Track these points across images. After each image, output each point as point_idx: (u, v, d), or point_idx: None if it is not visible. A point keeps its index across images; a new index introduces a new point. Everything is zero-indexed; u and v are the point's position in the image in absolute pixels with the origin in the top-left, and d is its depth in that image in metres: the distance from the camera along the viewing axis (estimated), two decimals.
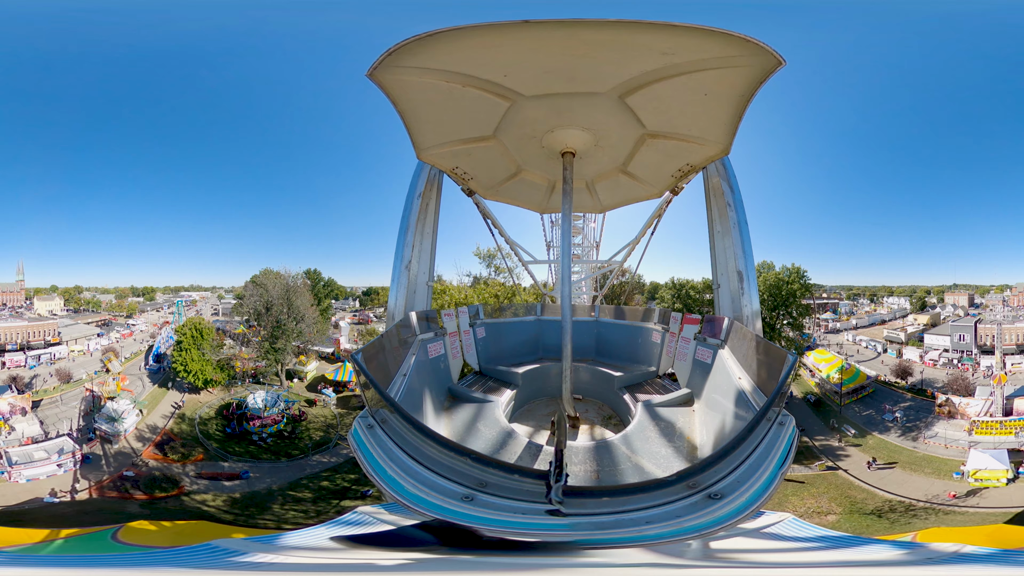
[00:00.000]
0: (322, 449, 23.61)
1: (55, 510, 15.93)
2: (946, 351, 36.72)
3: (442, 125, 4.44)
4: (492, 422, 4.41)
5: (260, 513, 16.95)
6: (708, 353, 4.88)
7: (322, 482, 20.00)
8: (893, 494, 18.63)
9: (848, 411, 28.14)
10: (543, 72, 3.61)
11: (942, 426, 24.54)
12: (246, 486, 19.54)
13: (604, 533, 2.45)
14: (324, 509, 17.34)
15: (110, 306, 43.27)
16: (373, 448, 2.87)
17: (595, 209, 7.18)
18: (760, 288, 29.64)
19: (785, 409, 3.15)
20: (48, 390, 28.65)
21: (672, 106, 3.91)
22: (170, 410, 26.98)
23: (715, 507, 2.41)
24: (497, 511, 2.48)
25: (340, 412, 27.77)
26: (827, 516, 17.13)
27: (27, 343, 34.53)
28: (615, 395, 5.48)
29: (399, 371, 4.29)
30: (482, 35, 3.25)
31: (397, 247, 5.83)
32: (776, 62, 3.18)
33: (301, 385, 31.07)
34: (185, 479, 19.63)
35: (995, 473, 18.87)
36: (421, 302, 5.92)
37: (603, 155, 4.93)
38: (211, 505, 17.42)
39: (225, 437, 24.09)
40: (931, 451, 22.85)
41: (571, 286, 5.95)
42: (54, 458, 19.57)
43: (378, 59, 3.39)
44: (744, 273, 5.15)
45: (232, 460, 21.87)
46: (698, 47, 3.21)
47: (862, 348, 41.59)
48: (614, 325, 7.27)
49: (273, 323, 28.23)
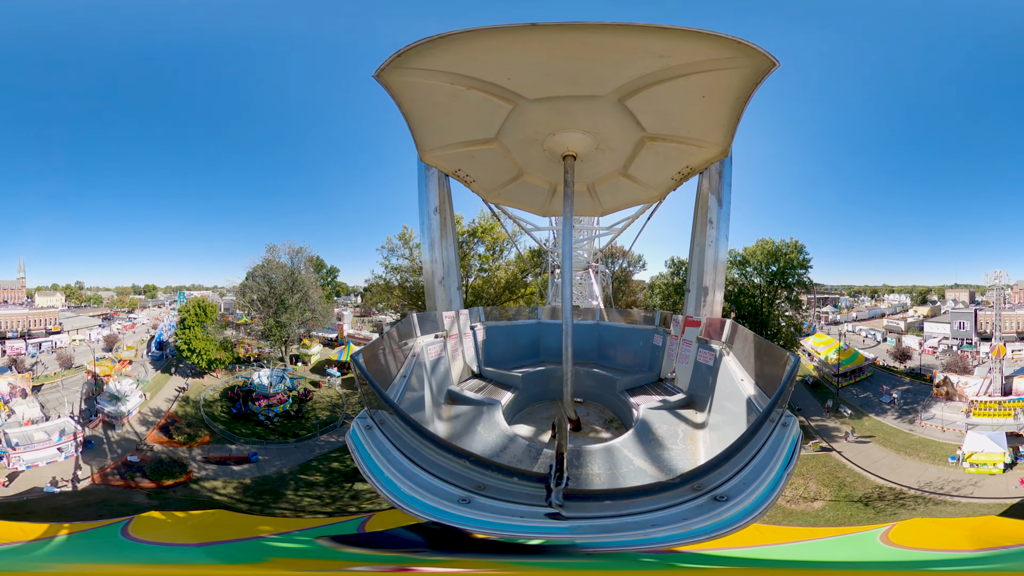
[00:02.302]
0: (329, 428, 23.18)
1: (56, 501, 15.27)
2: (945, 339, 36.26)
3: (446, 127, 4.48)
4: (492, 425, 4.37)
5: (275, 501, 16.31)
6: (709, 355, 4.85)
7: (332, 463, 19.46)
8: (884, 479, 18.14)
9: (845, 393, 27.87)
10: (545, 75, 3.65)
11: (940, 408, 23.92)
12: (255, 470, 18.90)
13: (607, 536, 2.41)
14: (338, 494, 16.81)
15: (111, 302, 43.07)
16: (371, 449, 2.84)
17: (596, 212, 7.22)
18: (759, 256, 29.07)
19: (788, 411, 3.11)
20: (49, 375, 28.31)
21: (671, 108, 3.95)
22: (174, 394, 26.55)
23: (722, 509, 2.37)
24: (495, 514, 2.44)
25: (346, 392, 27.56)
26: (814, 502, 16.69)
27: (28, 331, 34.18)
28: (616, 398, 5.44)
29: (399, 373, 4.26)
30: (488, 38, 3.29)
31: (426, 266, 5.87)
32: (769, 63, 3.22)
33: (305, 369, 30.94)
34: (192, 464, 18.96)
35: (991, 457, 18.12)
36: (458, 305, 6.01)
37: (604, 158, 4.96)
38: (222, 493, 16.76)
39: (231, 418, 23.52)
40: (928, 434, 22.02)
41: (572, 288, 5.94)
42: (55, 439, 18.89)
43: (386, 60, 3.43)
44: (710, 288, 5.31)
45: (239, 442, 21.31)
46: (692, 50, 3.25)
47: (862, 338, 41.31)
48: (615, 328, 7.24)
49: (277, 300, 28.07)
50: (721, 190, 5.45)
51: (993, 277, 29.13)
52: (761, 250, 29.39)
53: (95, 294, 43.10)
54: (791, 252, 29.58)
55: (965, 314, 37.09)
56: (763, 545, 3.90)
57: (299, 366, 30.45)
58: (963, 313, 37.53)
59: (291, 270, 29.10)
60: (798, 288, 29.78)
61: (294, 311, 28.46)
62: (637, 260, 36.70)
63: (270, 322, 28.11)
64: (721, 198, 5.41)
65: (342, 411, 25.09)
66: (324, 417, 24.55)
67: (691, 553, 2.67)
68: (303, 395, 25.62)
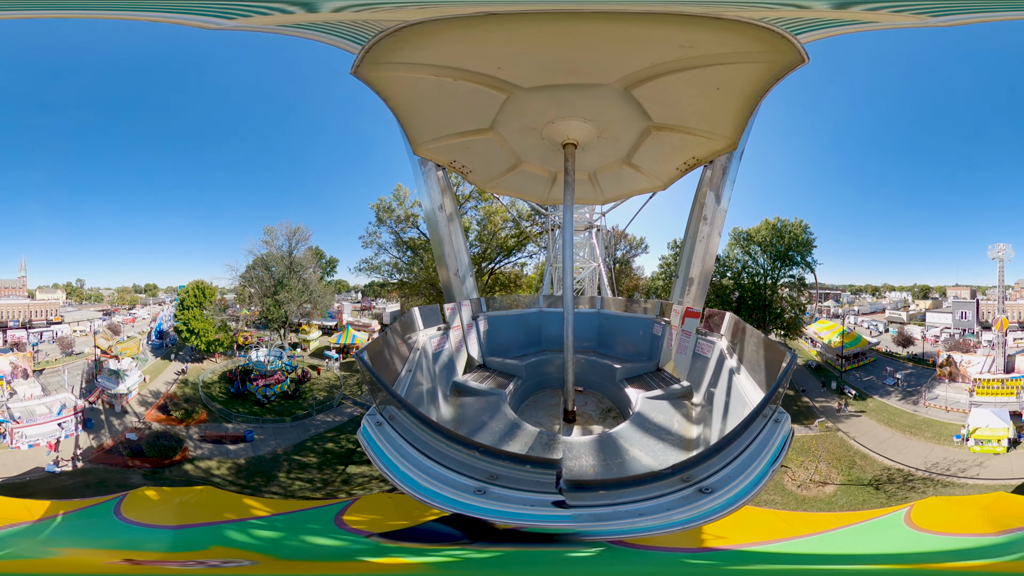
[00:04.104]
0: (326, 408, 23.84)
1: (57, 482, 15.93)
2: (947, 328, 36.51)
3: (437, 119, 4.33)
4: (498, 415, 4.52)
5: (266, 484, 16.98)
6: (708, 347, 4.93)
7: (327, 444, 19.99)
8: (891, 460, 18.67)
9: (848, 377, 28.38)
10: (541, 64, 3.47)
11: (943, 388, 24.24)
12: (250, 449, 19.40)
13: (602, 525, 2.57)
14: (330, 477, 17.31)
15: (112, 299, 43.64)
16: (383, 445, 2.98)
17: (597, 200, 7.08)
18: (764, 232, 28.93)
19: (784, 405, 3.21)
20: (50, 361, 29.21)
21: (681, 99, 3.77)
22: (173, 378, 27.47)
23: (704, 501, 2.50)
24: (508, 503, 2.57)
25: (344, 375, 28.39)
26: (825, 487, 17.25)
27: (29, 321, 34.93)
28: (616, 387, 5.58)
29: (404, 367, 4.38)
30: (462, 28, 3.07)
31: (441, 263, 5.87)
32: (799, 59, 3.03)
33: (304, 355, 31.74)
34: (189, 442, 19.59)
35: (995, 432, 18.68)
36: (472, 291, 6.07)
37: (606, 146, 4.81)
38: (216, 474, 17.46)
39: (229, 397, 24.17)
40: (932, 415, 22.47)
41: (572, 278, 5.96)
42: (55, 412, 19.54)
43: (358, 56, 3.27)
44: (695, 279, 5.36)
45: (236, 420, 21.95)
46: (721, 41, 3.05)
47: (865, 329, 41.66)
48: (616, 317, 7.31)
49: (275, 282, 28.50)
50: (722, 187, 5.32)
51: (997, 251, 28.52)
52: (766, 227, 28.88)
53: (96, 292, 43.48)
54: (796, 229, 29.01)
55: (967, 304, 36.92)
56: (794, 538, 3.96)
57: (298, 351, 31.11)
58: (965, 303, 37.34)
59: (288, 251, 29.16)
60: (802, 260, 29.40)
61: (292, 290, 28.75)
62: (639, 243, 36.09)
63: (268, 302, 28.56)
64: (720, 195, 5.30)
65: (339, 391, 25.68)
66: (321, 398, 24.90)
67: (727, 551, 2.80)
68: (302, 376, 26.14)
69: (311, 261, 30.26)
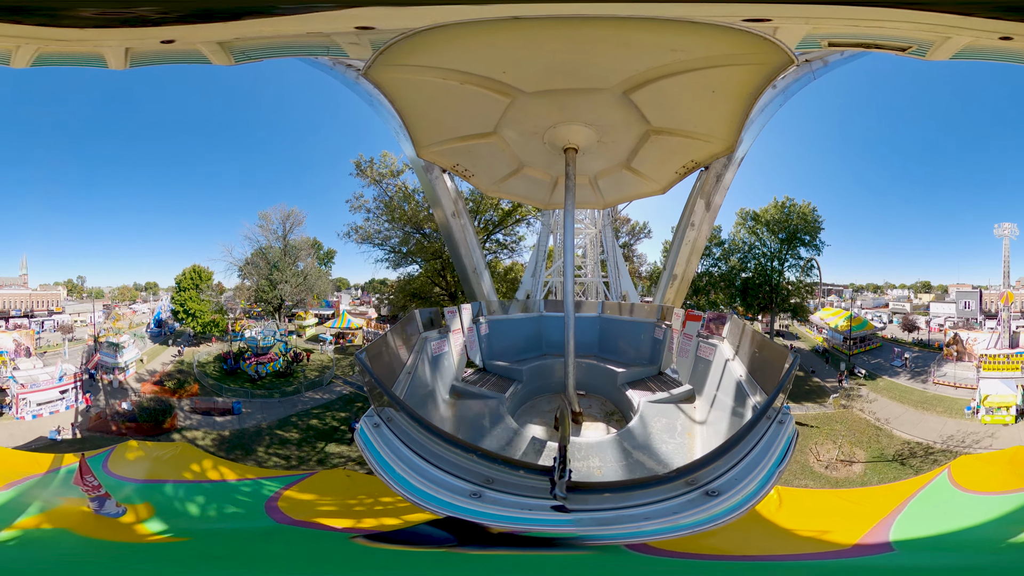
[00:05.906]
0: (316, 386, 23.97)
1: (59, 449, 16.49)
2: (950, 318, 36.69)
3: (442, 122, 4.39)
4: (496, 418, 4.48)
5: (244, 456, 17.20)
6: (710, 350, 4.91)
7: (311, 420, 20.16)
8: (909, 435, 18.90)
9: (856, 360, 28.44)
10: (543, 69, 3.54)
11: (951, 367, 24.33)
12: (237, 423, 19.66)
13: (606, 529, 2.52)
14: (307, 455, 17.41)
15: (113, 296, 43.80)
16: (380, 447, 2.94)
17: (598, 204, 7.13)
18: (772, 213, 28.42)
19: (788, 402, 3.18)
20: (52, 346, 29.48)
21: (678, 102, 3.84)
22: (169, 359, 27.78)
23: (711, 504, 2.46)
24: (505, 507, 2.53)
25: (337, 357, 28.22)
26: (853, 466, 16.89)
27: (31, 311, 35.09)
28: (618, 391, 5.54)
29: (403, 369, 4.35)
30: (474, 33, 3.16)
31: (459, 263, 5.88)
32: (787, 60, 3.11)
33: (300, 340, 31.93)
34: (179, 413, 20.01)
35: (1004, 399, 19.18)
36: (490, 289, 6.05)
37: (606, 151, 4.87)
38: (199, 445, 17.73)
39: (223, 374, 24.53)
40: (941, 391, 22.74)
41: (573, 281, 5.96)
42: (56, 376, 20.06)
43: (371, 58, 3.34)
44: (679, 276, 5.40)
45: (226, 395, 22.30)
46: (709, 44, 3.13)
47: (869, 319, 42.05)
48: (617, 321, 7.29)
49: (270, 266, 28.60)
50: (714, 193, 5.37)
51: (1003, 229, 28.53)
52: (775, 206, 28.31)
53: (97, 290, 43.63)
54: (804, 210, 28.79)
55: (971, 294, 37.15)
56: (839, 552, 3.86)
57: (293, 338, 31.17)
58: (969, 293, 37.56)
59: (283, 234, 29.33)
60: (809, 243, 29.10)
61: (286, 271, 28.87)
62: (642, 229, 35.25)
63: (263, 283, 28.69)
64: (710, 202, 5.36)
65: (330, 371, 25.76)
66: (313, 377, 25.15)
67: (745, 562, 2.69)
68: (295, 356, 26.17)
69: (307, 251, 30.42)
